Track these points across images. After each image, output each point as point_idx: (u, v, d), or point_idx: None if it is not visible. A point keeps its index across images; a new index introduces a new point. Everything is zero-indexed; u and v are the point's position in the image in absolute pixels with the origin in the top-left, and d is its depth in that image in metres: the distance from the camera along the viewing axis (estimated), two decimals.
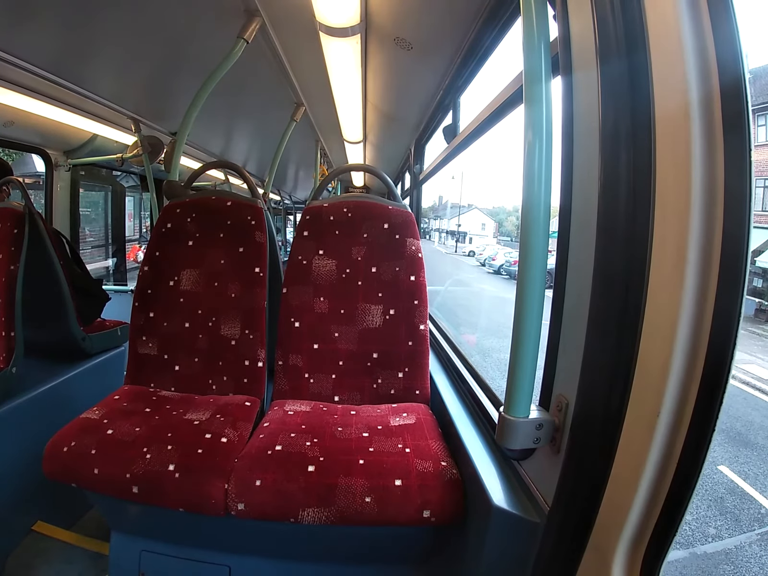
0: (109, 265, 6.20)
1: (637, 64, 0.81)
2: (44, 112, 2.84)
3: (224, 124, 4.40)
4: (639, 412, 0.83)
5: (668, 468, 0.81)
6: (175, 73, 2.86)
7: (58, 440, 1.58)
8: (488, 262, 25.66)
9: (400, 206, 2.16)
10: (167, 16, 2.12)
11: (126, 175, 6.40)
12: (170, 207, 2.19)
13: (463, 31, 2.10)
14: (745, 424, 7.06)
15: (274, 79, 3.05)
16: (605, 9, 0.85)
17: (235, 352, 2.04)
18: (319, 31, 2.26)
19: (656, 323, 0.81)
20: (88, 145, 3.61)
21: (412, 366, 2.03)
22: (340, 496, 1.42)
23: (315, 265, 2.10)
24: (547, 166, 1.00)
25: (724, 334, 0.74)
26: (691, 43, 0.74)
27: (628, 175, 0.83)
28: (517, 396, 1.05)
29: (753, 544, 4.55)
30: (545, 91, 1.01)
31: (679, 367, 0.78)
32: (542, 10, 1.02)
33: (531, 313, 1.02)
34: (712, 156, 0.75)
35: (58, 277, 2.23)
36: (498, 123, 1.85)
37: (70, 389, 2.27)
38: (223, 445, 1.60)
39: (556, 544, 1.01)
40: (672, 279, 0.78)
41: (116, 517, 1.79)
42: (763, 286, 13.14)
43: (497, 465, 1.37)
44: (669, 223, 0.79)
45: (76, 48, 2.32)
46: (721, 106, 0.73)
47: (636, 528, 0.86)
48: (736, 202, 0.73)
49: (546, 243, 1.01)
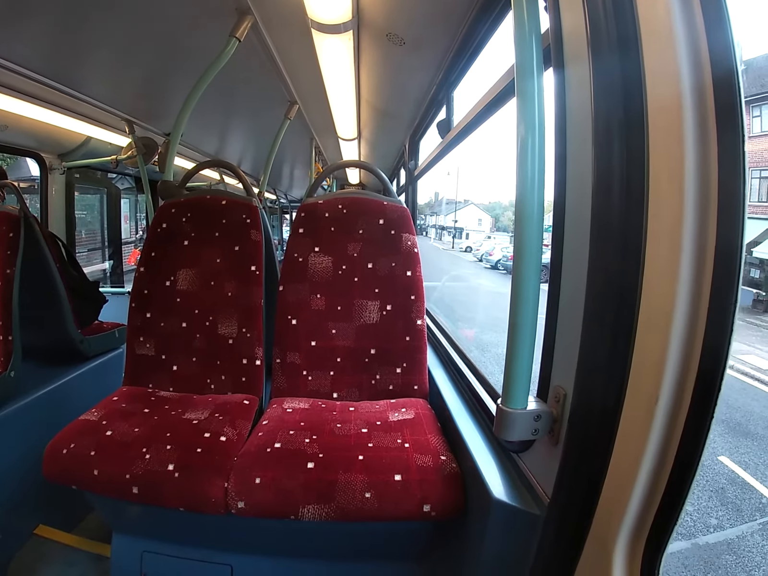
0: (106, 267, 6.19)
1: (629, 56, 0.81)
2: (38, 116, 2.83)
3: (218, 124, 4.39)
4: (637, 402, 0.83)
5: (667, 457, 0.81)
6: (167, 74, 2.85)
7: (58, 443, 1.58)
8: (485, 257, 25.65)
9: (396, 202, 2.16)
10: (159, 16, 2.11)
11: (121, 177, 6.38)
12: (165, 207, 2.19)
13: (455, 25, 2.10)
14: (744, 414, 7.06)
15: (267, 77, 3.04)
16: (596, 0, 0.85)
17: (232, 351, 2.04)
18: (311, 28, 2.25)
19: (652, 313, 0.81)
20: (83, 147, 3.60)
21: (410, 361, 2.03)
22: (340, 492, 1.42)
23: (311, 262, 2.10)
24: (540, 159, 1.00)
25: (720, 322, 0.74)
26: (683, 34, 0.74)
27: (622, 167, 0.83)
28: (515, 388, 1.05)
29: (755, 533, 4.55)
30: (537, 84, 1.00)
31: (675, 356, 0.78)
32: (533, 1, 1.01)
33: (527, 305, 1.02)
34: (706, 148, 0.74)
35: (54, 280, 2.23)
36: (491, 117, 1.86)
37: (68, 392, 2.27)
38: (222, 444, 1.60)
39: (557, 536, 1.01)
40: (667, 269, 0.78)
41: (117, 518, 1.79)
42: (760, 276, 13.14)
43: (497, 458, 1.37)
44: (663, 215, 0.79)
45: (69, 50, 2.31)
46: (713, 97, 0.73)
47: (636, 518, 0.86)
48: (730, 194, 0.73)
49: (540, 236, 1.01)
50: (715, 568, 4.10)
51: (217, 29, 2.20)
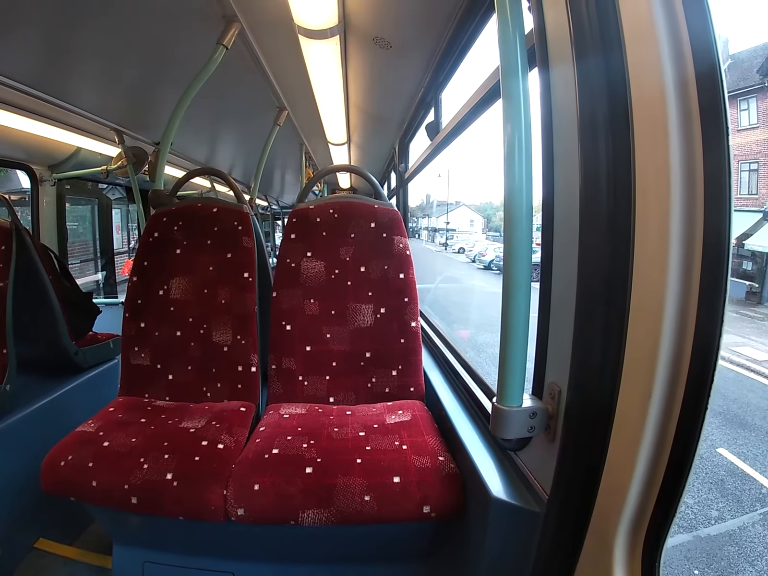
0: (99, 278, 6.18)
1: (612, 53, 0.82)
2: (27, 128, 2.81)
3: (208, 132, 4.38)
4: (631, 395, 0.84)
5: (664, 449, 0.81)
6: (156, 83, 2.85)
7: (55, 455, 1.58)
8: (478, 258, 25.71)
9: (387, 205, 2.17)
10: (145, 26, 2.10)
11: (112, 187, 6.36)
12: (156, 216, 2.19)
13: (441, 28, 2.11)
14: (741, 405, 7.08)
15: (255, 84, 3.04)
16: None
17: (228, 359, 2.04)
18: (298, 34, 2.26)
19: (643, 307, 0.81)
20: (73, 158, 3.58)
21: (406, 363, 2.03)
22: (340, 496, 1.42)
23: (304, 267, 2.10)
24: (527, 159, 1.00)
25: (711, 313, 0.75)
26: (666, 31, 0.75)
27: (608, 164, 0.83)
28: (510, 386, 1.06)
29: (756, 524, 4.56)
30: (522, 84, 1.01)
31: (668, 348, 0.79)
32: (516, 1, 1.02)
33: (518, 304, 1.03)
34: (691, 142, 0.75)
35: (47, 292, 2.22)
36: (479, 118, 1.86)
37: (64, 404, 2.26)
38: (220, 452, 1.60)
39: (557, 532, 1.02)
40: (656, 263, 0.79)
41: (117, 529, 1.79)
42: (752, 269, 13.19)
43: (494, 457, 1.38)
44: (650, 210, 0.79)
45: (56, 61, 2.31)
46: (697, 92, 0.74)
47: (635, 511, 0.87)
48: (716, 186, 0.73)
49: (529, 235, 1.02)
50: (717, 560, 4.10)
51: (204, 37, 2.20)
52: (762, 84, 11.24)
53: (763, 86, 11.21)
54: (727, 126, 0.72)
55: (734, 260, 13.33)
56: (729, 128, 0.73)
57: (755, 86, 11.41)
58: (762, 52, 11.90)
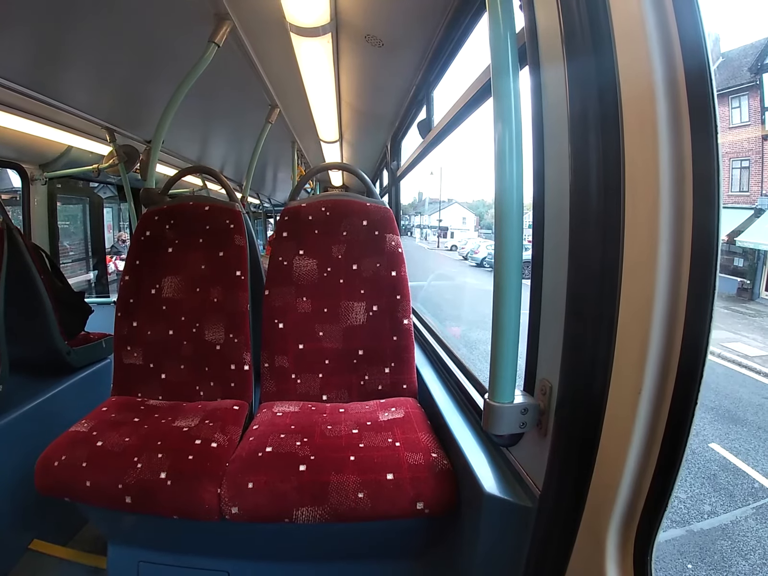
0: (91, 277, 6.16)
1: (603, 52, 0.82)
2: (17, 126, 2.79)
3: (199, 130, 4.37)
4: (622, 391, 0.84)
5: (654, 444, 0.82)
6: (147, 80, 2.84)
7: (49, 455, 1.57)
8: (471, 255, 25.71)
9: (379, 203, 2.17)
10: (137, 24, 2.09)
11: (103, 185, 6.34)
12: (148, 215, 2.18)
13: (432, 26, 2.11)
14: (733, 401, 7.13)
15: (247, 81, 3.04)
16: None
17: (220, 357, 2.03)
18: (290, 31, 2.25)
19: (633, 303, 0.82)
20: (64, 157, 3.56)
21: (398, 361, 2.04)
22: (333, 494, 1.42)
23: (296, 265, 2.10)
24: (518, 157, 1.01)
25: (700, 309, 0.76)
26: (656, 29, 0.76)
27: (598, 162, 0.84)
28: (501, 382, 1.06)
29: (749, 518, 4.59)
30: (513, 82, 1.01)
31: (657, 344, 0.79)
32: (508, 0, 1.02)
33: (509, 301, 1.04)
34: (680, 139, 0.76)
35: (39, 292, 2.20)
36: (470, 115, 1.87)
37: (57, 404, 2.25)
38: (213, 450, 1.60)
39: (549, 528, 1.03)
40: (645, 260, 0.79)
41: (111, 529, 1.78)
42: (744, 265, 13.27)
43: (487, 453, 1.38)
44: (640, 207, 0.80)
45: (47, 60, 2.29)
46: (686, 91, 0.74)
47: (626, 506, 0.87)
48: (705, 184, 0.74)
49: (520, 232, 1.02)
50: (710, 554, 4.13)
51: (195, 35, 2.19)
52: (753, 82, 11.32)
53: (754, 84, 11.29)
54: (716, 124, 0.73)
55: (726, 257, 13.31)
56: (718, 127, 0.73)
57: (746, 84, 11.48)
58: (753, 51, 11.98)
